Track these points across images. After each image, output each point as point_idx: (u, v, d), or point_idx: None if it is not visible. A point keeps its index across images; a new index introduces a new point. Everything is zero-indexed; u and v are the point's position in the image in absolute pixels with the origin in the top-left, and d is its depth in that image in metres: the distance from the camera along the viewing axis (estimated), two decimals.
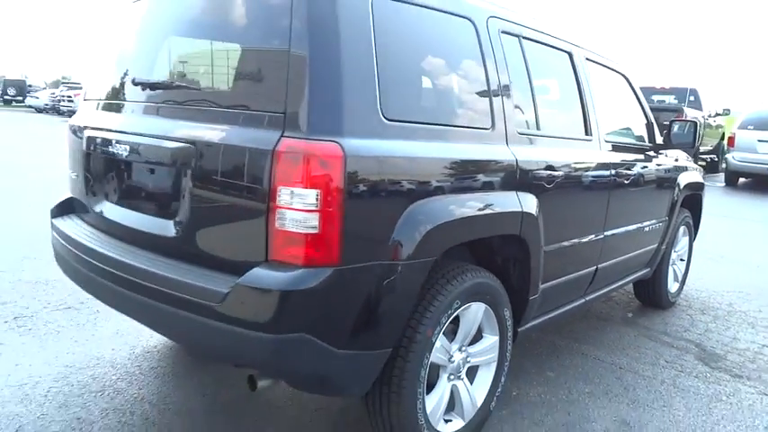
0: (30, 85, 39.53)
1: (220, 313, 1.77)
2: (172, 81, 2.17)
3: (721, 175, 13.65)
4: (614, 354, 3.50)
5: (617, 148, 3.31)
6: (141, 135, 2.12)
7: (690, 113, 12.49)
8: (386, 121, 1.89)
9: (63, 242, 2.45)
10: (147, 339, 3.32)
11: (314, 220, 1.72)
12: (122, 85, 2.39)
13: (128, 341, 3.29)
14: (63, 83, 39.36)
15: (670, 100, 14.49)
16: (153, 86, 2.18)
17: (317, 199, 1.71)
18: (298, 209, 1.71)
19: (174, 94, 2.14)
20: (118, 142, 2.18)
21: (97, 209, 2.39)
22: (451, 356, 2.27)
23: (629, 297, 4.53)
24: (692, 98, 14.42)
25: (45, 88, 40.60)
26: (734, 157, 12.34)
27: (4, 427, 2.40)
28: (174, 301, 1.88)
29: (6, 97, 38.36)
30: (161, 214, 2.08)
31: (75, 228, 2.45)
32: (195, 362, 3.11)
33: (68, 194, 2.73)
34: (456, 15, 2.27)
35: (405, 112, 2.00)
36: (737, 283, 5.14)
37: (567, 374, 3.17)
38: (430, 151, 2.04)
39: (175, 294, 1.87)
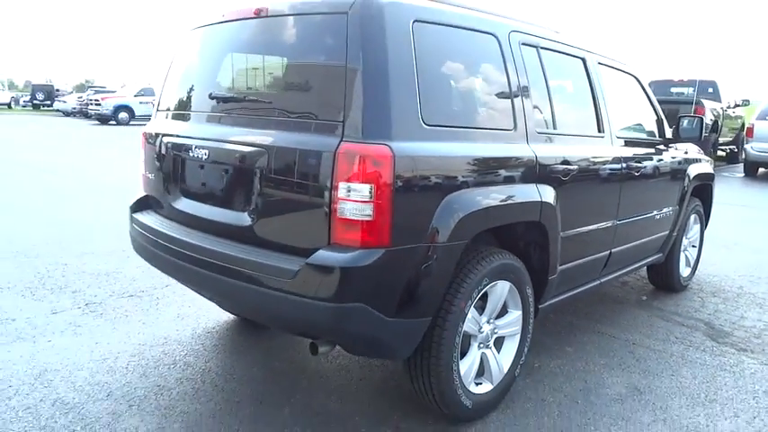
0: (57, 90, 40.62)
1: (292, 287, 2.14)
2: (244, 95, 2.55)
3: (741, 166, 13.74)
4: (628, 332, 3.81)
5: (628, 143, 3.62)
6: (218, 141, 2.50)
7: (708, 105, 12.64)
8: (425, 126, 2.25)
9: (144, 233, 2.85)
10: (206, 321, 3.73)
11: (368, 209, 2.08)
12: (197, 97, 2.78)
13: (189, 323, 3.70)
14: (89, 87, 40.34)
15: (689, 92, 14.57)
16: (228, 100, 2.56)
17: (370, 192, 2.07)
18: (355, 200, 2.08)
19: (246, 106, 2.52)
20: (197, 147, 2.56)
21: (175, 204, 2.78)
22: (481, 327, 2.62)
23: (644, 282, 4.83)
24: (710, 90, 14.49)
25: (72, 92, 41.62)
26: (753, 148, 12.45)
27: (96, 392, 2.81)
28: (250, 279, 2.26)
29: (35, 102, 39.53)
30: (235, 207, 2.47)
31: (155, 220, 2.84)
32: (250, 339, 3.50)
33: (143, 193, 3.12)
34: (482, 32, 2.62)
35: (440, 118, 2.35)
36: (749, 268, 5.40)
37: (585, 350, 3.50)
38: (462, 151, 2.40)
39: (252, 273, 2.26)
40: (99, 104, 27.38)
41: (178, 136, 2.76)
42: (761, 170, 13.18)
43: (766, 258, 5.79)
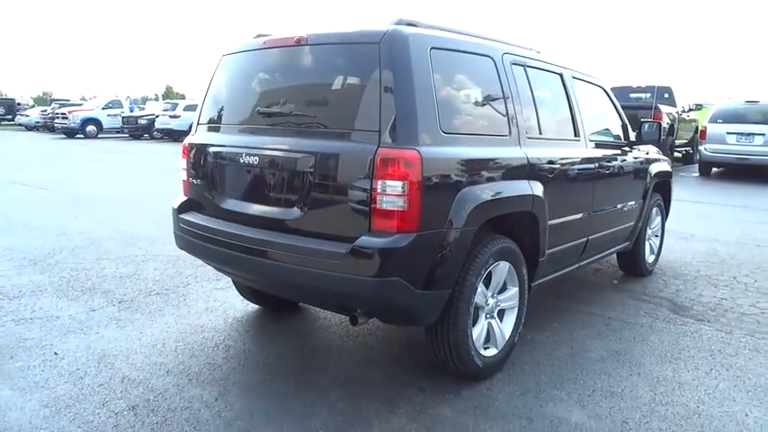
0: (18, 104, 39.92)
1: (340, 268, 2.62)
2: (289, 110, 3.02)
3: (696, 166, 14.68)
4: (604, 309, 4.39)
5: (599, 145, 4.21)
6: (267, 148, 2.96)
7: (665, 110, 13.53)
8: (443, 134, 2.77)
9: (194, 230, 3.28)
10: (234, 312, 4.16)
11: (402, 201, 2.58)
12: (243, 112, 3.24)
13: (219, 314, 4.12)
14: (52, 100, 39.83)
15: (646, 97, 15.48)
16: (274, 114, 3.03)
17: (403, 187, 2.57)
18: (391, 194, 2.58)
19: (291, 120, 2.99)
20: (246, 154, 3.01)
21: (222, 204, 3.22)
22: (487, 300, 3.14)
23: (615, 268, 5.44)
24: (666, 95, 15.43)
25: (33, 106, 40.99)
26: (706, 149, 13.38)
27: (156, 369, 3.23)
28: (305, 262, 2.73)
29: None
30: (285, 204, 2.93)
31: (204, 219, 3.28)
32: (276, 326, 3.95)
33: (184, 197, 3.55)
34: (481, 55, 3.17)
35: (453, 126, 2.87)
36: (704, 255, 6.08)
37: (569, 324, 4.06)
38: (471, 153, 2.92)
39: (305, 257, 2.73)
40: (66, 118, 27.18)
41: (225, 146, 3.21)
42: (714, 170, 14.14)
43: (719, 247, 6.48)
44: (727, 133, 13.01)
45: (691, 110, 16.63)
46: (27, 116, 34.08)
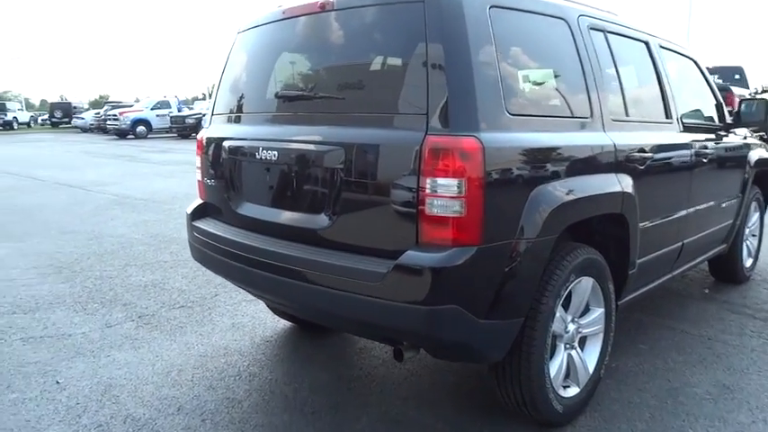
0: (74, 107, 41.10)
1: (380, 292, 2.03)
2: (314, 93, 2.44)
3: None
4: (700, 326, 3.65)
5: (693, 129, 3.47)
6: (288, 141, 2.40)
7: (737, 92, 12.36)
8: (509, 116, 2.13)
9: (207, 240, 2.75)
10: (263, 330, 3.64)
11: (458, 205, 1.96)
12: (260, 99, 2.69)
13: (246, 333, 3.61)
14: (106, 102, 40.80)
15: (715, 79, 14.31)
16: (295, 98, 2.46)
17: (460, 187, 1.96)
18: (444, 196, 1.97)
19: (316, 104, 2.41)
20: (263, 149, 2.46)
21: (239, 210, 2.68)
22: (567, 327, 2.49)
23: (704, 274, 4.66)
24: (737, 76, 14.24)
25: (88, 109, 42.10)
26: None
27: (166, 406, 2.72)
28: (332, 284, 2.15)
29: (54, 119, 40.10)
30: (309, 209, 2.36)
31: (218, 227, 2.75)
32: (311, 347, 3.40)
33: (200, 200, 3.03)
34: (553, 17, 2.50)
35: (521, 107, 2.23)
36: None
37: (659, 346, 3.35)
38: (545, 141, 2.27)
39: (334, 277, 2.15)
40: (117, 119, 27.66)
41: (240, 139, 2.67)
42: None
43: None
44: None
45: (765, 91, 15.33)
46: (82, 119, 34.95)
